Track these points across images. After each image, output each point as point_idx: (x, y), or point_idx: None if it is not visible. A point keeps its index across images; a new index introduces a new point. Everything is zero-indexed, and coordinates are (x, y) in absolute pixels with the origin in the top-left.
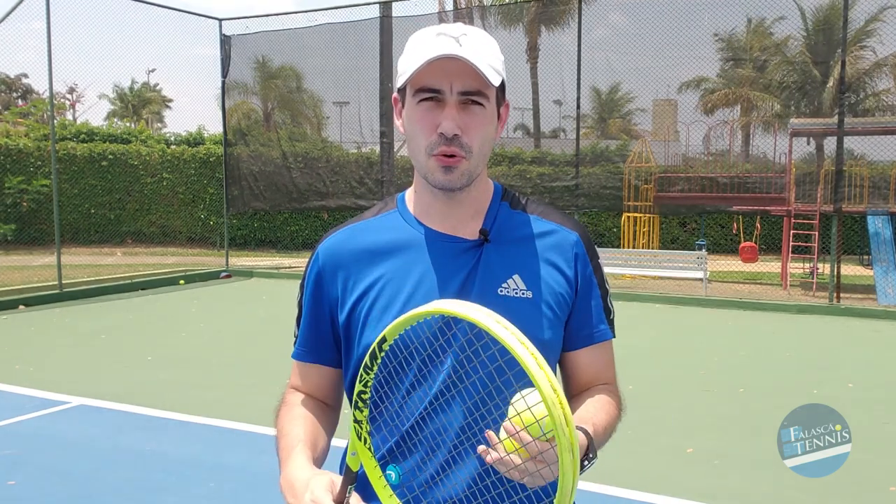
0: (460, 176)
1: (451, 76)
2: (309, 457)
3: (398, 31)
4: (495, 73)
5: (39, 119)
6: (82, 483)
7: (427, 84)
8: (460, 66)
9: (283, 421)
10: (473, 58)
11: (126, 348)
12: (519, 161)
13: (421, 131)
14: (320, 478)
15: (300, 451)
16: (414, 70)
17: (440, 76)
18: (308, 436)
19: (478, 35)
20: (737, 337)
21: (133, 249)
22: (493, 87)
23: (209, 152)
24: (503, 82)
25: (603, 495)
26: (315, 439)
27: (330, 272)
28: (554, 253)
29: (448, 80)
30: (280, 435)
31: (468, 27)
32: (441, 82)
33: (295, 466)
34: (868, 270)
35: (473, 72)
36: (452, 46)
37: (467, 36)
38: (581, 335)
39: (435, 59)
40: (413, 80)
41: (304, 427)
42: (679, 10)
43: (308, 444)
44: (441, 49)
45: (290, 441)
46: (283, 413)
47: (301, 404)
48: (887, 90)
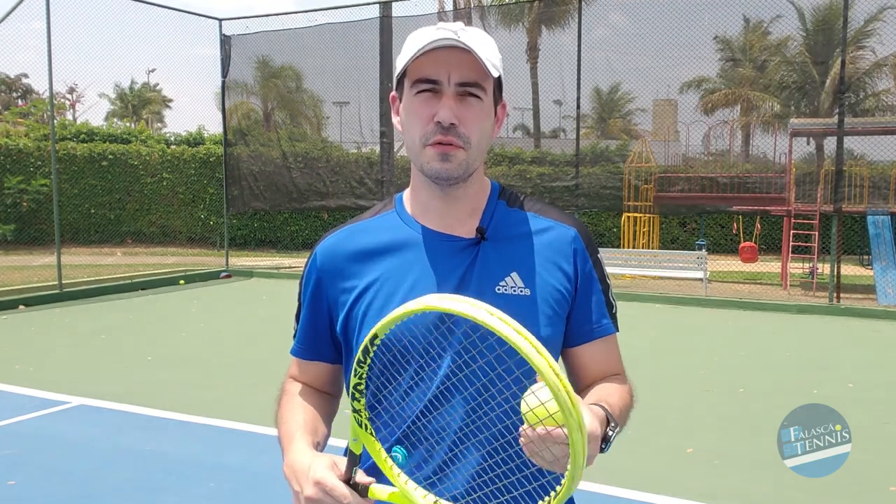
0: (457, 165)
1: (449, 67)
2: (310, 442)
3: (398, 31)
4: (492, 65)
5: (39, 119)
6: (82, 483)
7: (425, 75)
8: (459, 57)
9: (283, 409)
10: (473, 47)
11: (126, 348)
12: (519, 161)
13: (417, 121)
14: (322, 459)
15: (300, 436)
16: (412, 56)
17: (438, 66)
18: (308, 423)
19: (476, 31)
20: (737, 337)
21: (133, 249)
22: (491, 78)
23: (209, 152)
24: (500, 81)
25: (603, 495)
26: (315, 426)
27: (328, 273)
28: (552, 250)
29: (446, 70)
30: (280, 423)
31: (468, 26)
32: (439, 72)
33: (296, 451)
34: (868, 270)
35: (471, 63)
36: (451, 37)
37: (466, 31)
38: (583, 331)
39: (434, 45)
40: (411, 71)
41: (304, 414)
42: (679, 10)
43: (308, 430)
44: (440, 38)
45: (290, 428)
46: (283, 402)
47: (300, 393)
48: (887, 90)
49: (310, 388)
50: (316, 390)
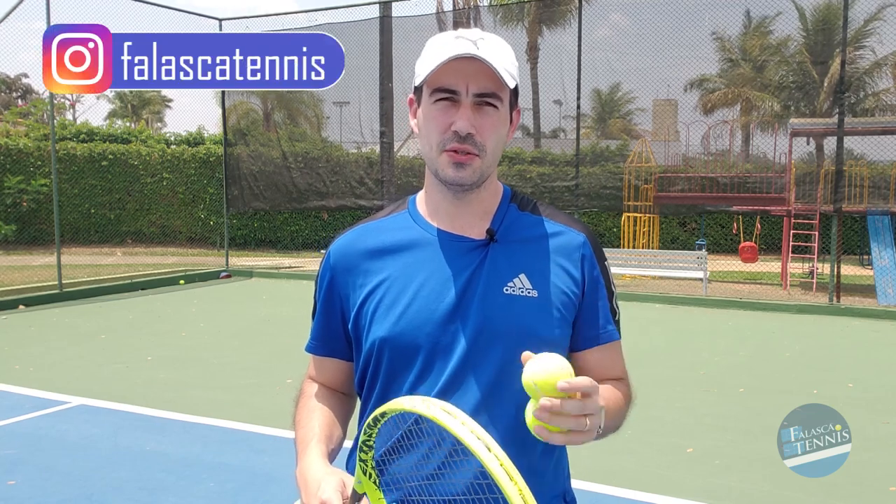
0: (472, 173)
1: (467, 77)
2: (323, 452)
3: (398, 31)
4: (510, 76)
5: (39, 119)
6: (82, 483)
7: (444, 84)
8: (477, 67)
9: (300, 413)
10: (491, 59)
11: (126, 348)
12: (519, 161)
13: (435, 129)
14: (332, 478)
15: (314, 445)
16: (433, 69)
17: (457, 77)
18: (324, 428)
19: (495, 40)
20: (737, 337)
21: (133, 249)
22: (508, 89)
23: (209, 152)
24: (517, 88)
25: (603, 495)
26: (330, 431)
27: (340, 271)
28: (561, 254)
29: (464, 80)
30: (297, 427)
31: (486, 33)
32: (458, 83)
33: (309, 462)
34: (868, 270)
35: (489, 74)
36: (470, 48)
37: (485, 40)
38: (588, 336)
39: (454, 57)
40: (430, 80)
41: (320, 419)
42: (679, 10)
43: (323, 437)
44: (459, 50)
45: (305, 434)
46: (300, 404)
47: (317, 395)
48: (887, 90)
49: (327, 389)
50: (333, 391)
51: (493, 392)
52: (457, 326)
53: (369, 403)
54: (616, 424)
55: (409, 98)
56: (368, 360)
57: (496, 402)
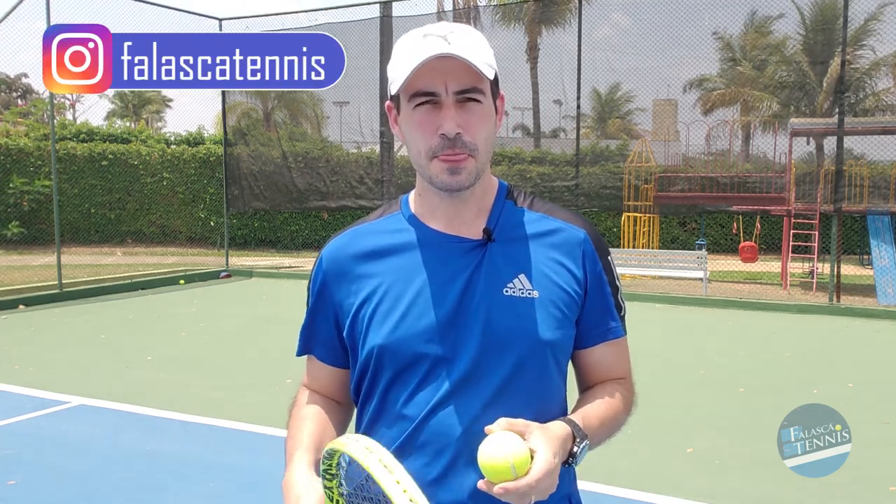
0: (468, 175)
1: (444, 76)
2: (309, 462)
3: (398, 31)
4: (488, 66)
5: (39, 119)
6: (82, 483)
7: (421, 88)
8: (453, 64)
9: (291, 421)
10: (465, 53)
11: (126, 348)
12: (519, 161)
13: (421, 136)
14: (312, 494)
15: (300, 455)
16: (407, 75)
17: (434, 77)
18: (313, 436)
19: (465, 31)
20: (737, 337)
21: (133, 249)
22: (488, 80)
23: (209, 152)
24: (496, 75)
25: (603, 495)
26: (320, 440)
27: (333, 277)
28: (561, 251)
29: (442, 80)
30: (288, 435)
31: (454, 24)
32: (436, 84)
33: (292, 473)
34: (868, 270)
35: (466, 69)
36: (442, 46)
37: (454, 33)
38: (593, 333)
39: (427, 60)
40: (406, 86)
41: (310, 428)
42: (680, 10)
43: (311, 447)
44: (431, 50)
45: (294, 443)
46: (293, 413)
47: (310, 403)
48: (887, 90)
49: (320, 397)
50: (326, 399)
51: (496, 398)
52: (458, 332)
53: (366, 411)
54: (609, 435)
55: (386, 105)
56: (366, 369)
57: (500, 407)
